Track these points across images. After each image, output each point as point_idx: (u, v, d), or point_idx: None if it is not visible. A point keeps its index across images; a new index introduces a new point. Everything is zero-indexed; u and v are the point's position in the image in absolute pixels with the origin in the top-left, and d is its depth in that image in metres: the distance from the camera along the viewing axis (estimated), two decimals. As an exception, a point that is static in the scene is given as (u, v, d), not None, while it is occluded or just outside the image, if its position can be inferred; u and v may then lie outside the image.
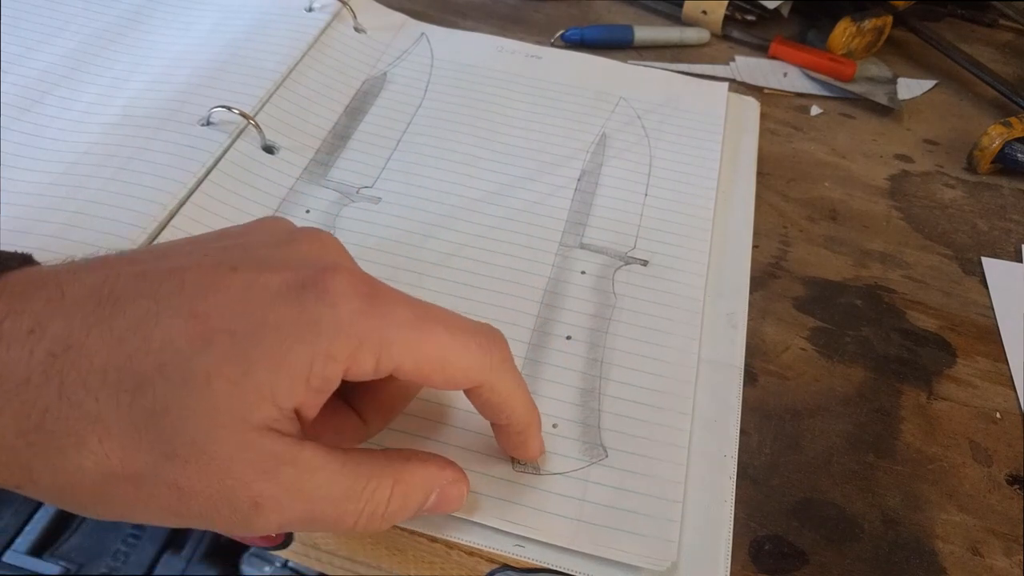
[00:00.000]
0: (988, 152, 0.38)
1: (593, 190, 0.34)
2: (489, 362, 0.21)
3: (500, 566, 0.24)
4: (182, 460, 0.18)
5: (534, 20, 0.46)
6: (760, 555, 0.24)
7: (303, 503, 0.19)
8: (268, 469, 0.18)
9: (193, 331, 0.18)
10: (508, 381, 0.22)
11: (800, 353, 0.30)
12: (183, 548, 0.59)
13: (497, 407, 0.22)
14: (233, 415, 0.18)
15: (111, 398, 0.18)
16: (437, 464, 0.22)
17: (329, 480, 0.19)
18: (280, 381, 0.18)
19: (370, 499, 0.20)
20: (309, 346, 0.18)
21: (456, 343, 0.20)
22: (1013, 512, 0.26)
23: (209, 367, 0.18)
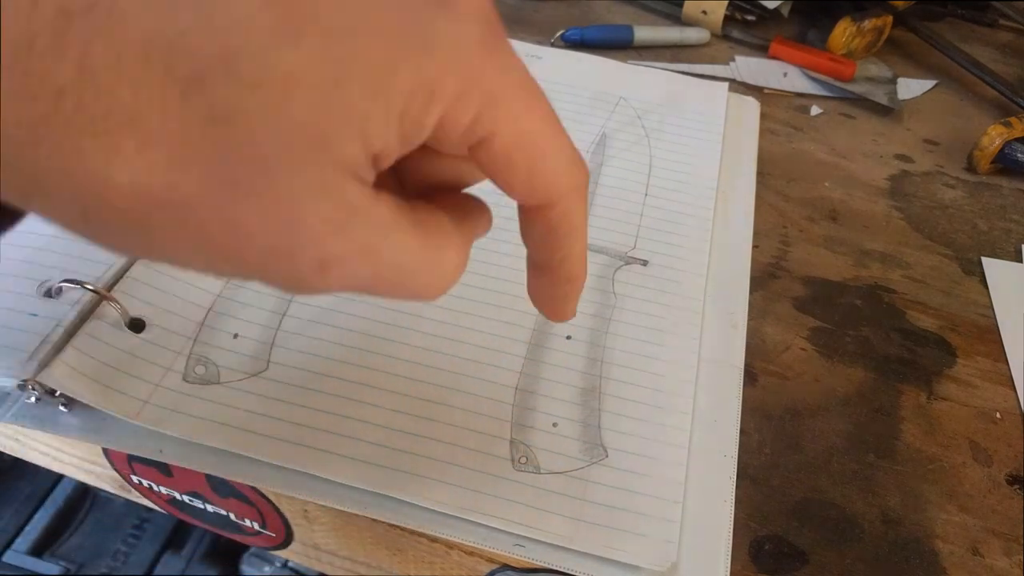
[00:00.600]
0: (988, 152, 0.38)
1: (593, 190, 0.34)
2: (576, 179, 0.18)
3: (500, 566, 0.24)
4: (244, 192, 0.14)
5: (534, 20, 0.46)
6: (760, 555, 0.24)
7: (371, 267, 0.15)
8: (343, 223, 0.15)
9: (279, 14, 0.13)
10: (583, 210, 0.18)
11: (800, 353, 0.30)
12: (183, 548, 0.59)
13: (563, 237, 0.18)
14: (315, 142, 0.14)
15: (155, 90, 0.13)
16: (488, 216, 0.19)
17: (402, 244, 0.16)
18: (376, 108, 0.14)
19: (437, 270, 0.17)
20: (417, 71, 0.14)
21: (558, 136, 0.17)
22: (1013, 512, 0.26)
23: (293, 67, 0.13)
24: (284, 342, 0.27)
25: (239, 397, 0.25)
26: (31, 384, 0.24)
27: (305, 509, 0.26)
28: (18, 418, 0.24)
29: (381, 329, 0.28)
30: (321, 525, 0.27)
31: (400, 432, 0.25)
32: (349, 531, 0.26)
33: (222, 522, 0.29)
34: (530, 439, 0.25)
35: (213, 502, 0.28)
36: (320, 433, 0.24)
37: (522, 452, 0.25)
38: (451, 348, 0.27)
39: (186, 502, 0.28)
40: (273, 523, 0.28)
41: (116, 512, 0.60)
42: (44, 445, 0.29)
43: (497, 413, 0.26)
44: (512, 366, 0.27)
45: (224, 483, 0.26)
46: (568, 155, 0.17)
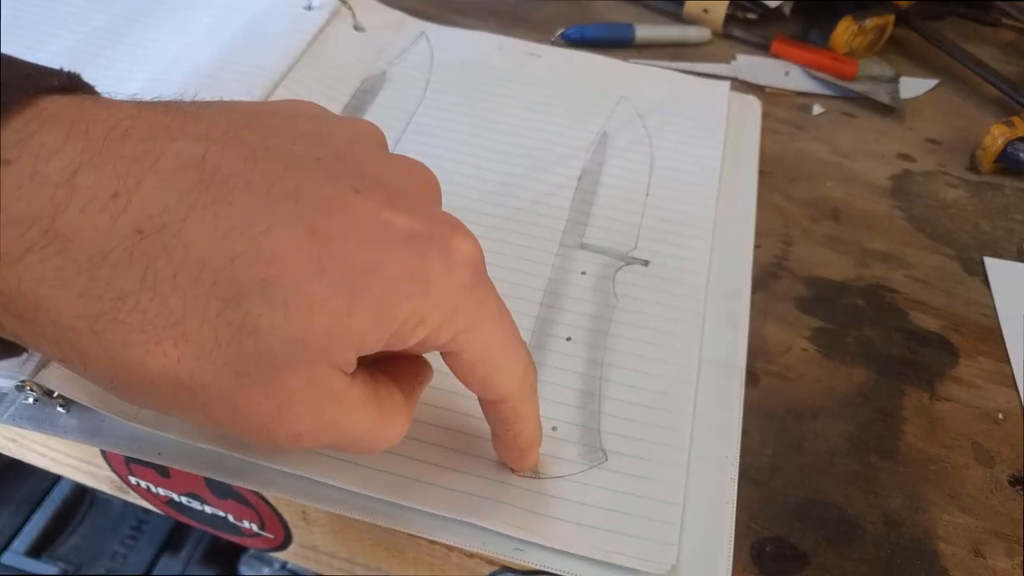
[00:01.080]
0: (991, 151, 0.38)
1: (594, 189, 0.34)
2: (524, 382, 0.21)
3: (500, 568, 0.24)
4: (252, 381, 0.16)
5: (534, 18, 0.46)
6: (762, 557, 0.24)
7: (333, 438, 0.18)
8: (320, 406, 0.17)
9: (310, 251, 0.16)
10: (531, 406, 0.22)
11: (802, 353, 0.30)
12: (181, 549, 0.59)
13: (509, 424, 0.22)
14: (318, 351, 0.17)
15: (200, 302, 0.15)
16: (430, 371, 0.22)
17: (362, 421, 0.19)
18: (374, 330, 0.17)
19: (385, 437, 0.20)
20: (412, 307, 0.17)
21: (514, 353, 0.20)
22: (1015, 513, 0.26)
23: (316, 296, 0.16)
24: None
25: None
26: (29, 385, 0.24)
27: (304, 511, 0.26)
28: (16, 419, 0.24)
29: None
30: (320, 527, 0.27)
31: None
32: (348, 533, 0.26)
33: (220, 523, 0.29)
34: (530, 441, 0.25)
35: (211, 503, 0.28)
36: (319, 434, 0.24)
37: (522, 454, 0.25)
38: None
39: (184, 503, 0.28)
40: (271, 525, 0.28)
41: (114, 513, 0.60)
42: (42, 446, 0.29)
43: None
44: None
45: (222, 484, 0.26)
46: (521, 364, 0.21)
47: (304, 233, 0.16)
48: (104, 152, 0.15)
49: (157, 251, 0.15)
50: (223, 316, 0.16)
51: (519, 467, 0.24)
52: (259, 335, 0.16)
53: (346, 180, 0.18)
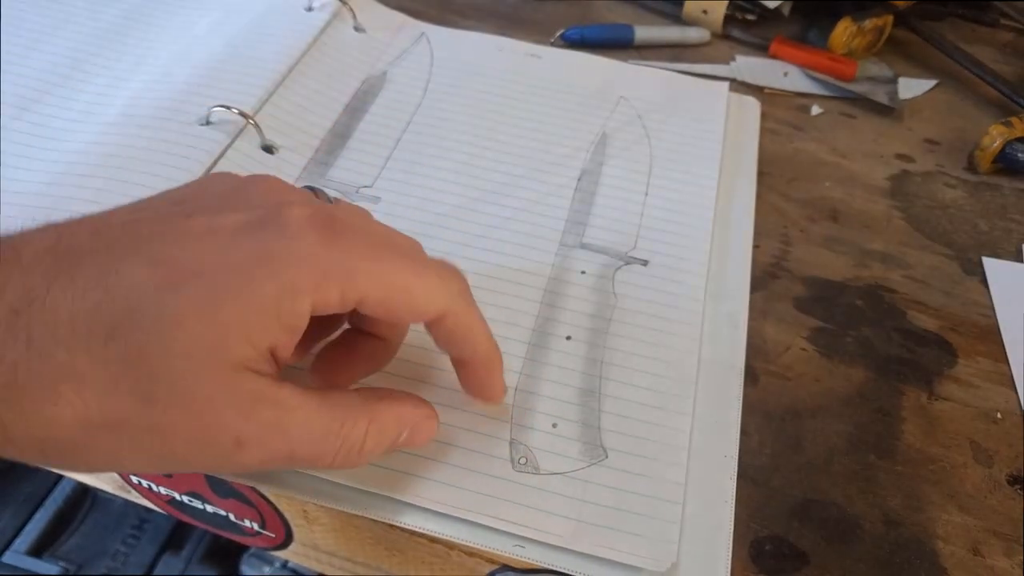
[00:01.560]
0: (989, 152, 0.38)
1: (593, 190, 0.34)
2: (450, 291, 0.21)
3: (500, 566, 0.24)
4: (162, 403, 0.18)
5: (534, 20, 0.46)
6: (761, 556, 0.24)
7: (283, 441, 0.19)
8: (248, 408, 0.18)
9: (159, 276, 0.18)
10: (471, 311, 0.22)
11: (801, 353, 0.30)
12: (183, 548, 0.59)
13: (461, 338, 0.22)
14: (210, 354, 0.18)
15: (83, 347, 0.17)
16: (411, 402, 0.22)
17: (308, 418, 0.19)
18: (251, 317, 0.18)
19: (347, 437, 0.20)
20: (274, 281, 0.18)
21: (418, 272, 0.21)
22: (1014, 512, 0.26)
23: (180, 308, 0.18)
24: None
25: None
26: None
27: (305, 509, 0.26)
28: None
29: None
30: (321, 525, 0.27)
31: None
32: (349, 532, 0.26)
33: (221, 522, 0.29)
34: (530, 440, 0.25)
35: (212, 502, 0.28)
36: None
37: (522, 453, 0.25)
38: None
39: (185, 502, 0.28)
40: (272, 523, 0.28)
41: (115, 512, 0.60)
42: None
43: (496, 413, 0.26)
44: (512, 366, 0.27)
45: (223, 483, 0.26)
46: (434, 277, 0.21)
47: (147, 264, 0.18)
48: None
49: (33, 320, 0.17)
50: (108, 351, 0.17)
51: (488, 395, 0.24)
52: (148, 358, 0.18)
53: (177, 211, 0.20)
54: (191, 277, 0.18)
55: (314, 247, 0.19)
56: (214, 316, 0.18)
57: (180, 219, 0.20)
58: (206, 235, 0.19)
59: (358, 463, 0.21)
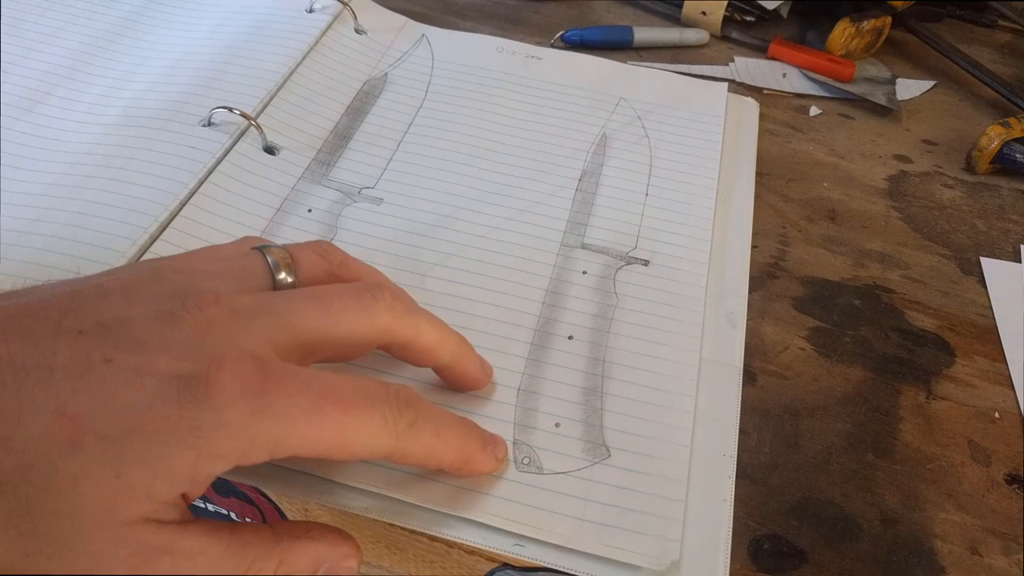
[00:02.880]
0: (987, 152, 0.39)
1: (594, 190, 0.34)
2: (394, 433, 0.20)
3: (500, 565, 0.24)
4: (48, 557, 0.17)
5: (534, 21, 0.46)
6: (759, 554, 0.24)
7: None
8: (143, 561, 0.18)
9: (60, 432, 0.17)
10: (420, 444, 0.21)
11: (799, 353, 0.30)
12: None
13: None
14: (102, 514, 0.17)
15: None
16: (329, 541, 0.21)
17: (210, 564, 0.19)
18: (158, 482, 0.18)
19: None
20: (192, 449, 0.18)
21: (356, 423, 0.20)
22: (1012, 511, 0.26)
23: (76, 470, 0.17)
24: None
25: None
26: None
27: (306, 509, 0.26)
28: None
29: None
30: (322, 524, 0.27)
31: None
32: (349, 530, 0.26)
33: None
34: (533, 439, 0.25)
35: (214, 501, 0.28)
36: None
37: (525, 452, 0.25)
38: (452, 348, 0.27)
39: (188, 502, 0.28)
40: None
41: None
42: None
43: (499, 414, 0.26)
44: (514, 367, 0.27)
45: (225, 482, 0.26)
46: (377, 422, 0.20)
47: (53, 416, 0.17)
48: None
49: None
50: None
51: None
52: (33, 515, 0.17)
53: (99, 351, 0.18)
54: (95, 438, 0.17)
55: (240, 419, 0.18)
56: (114, 479, 0.17)
57: (98, 364, 0.18)
58: (122, 390, 0.18)
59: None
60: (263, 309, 0.21)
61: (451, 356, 0.24)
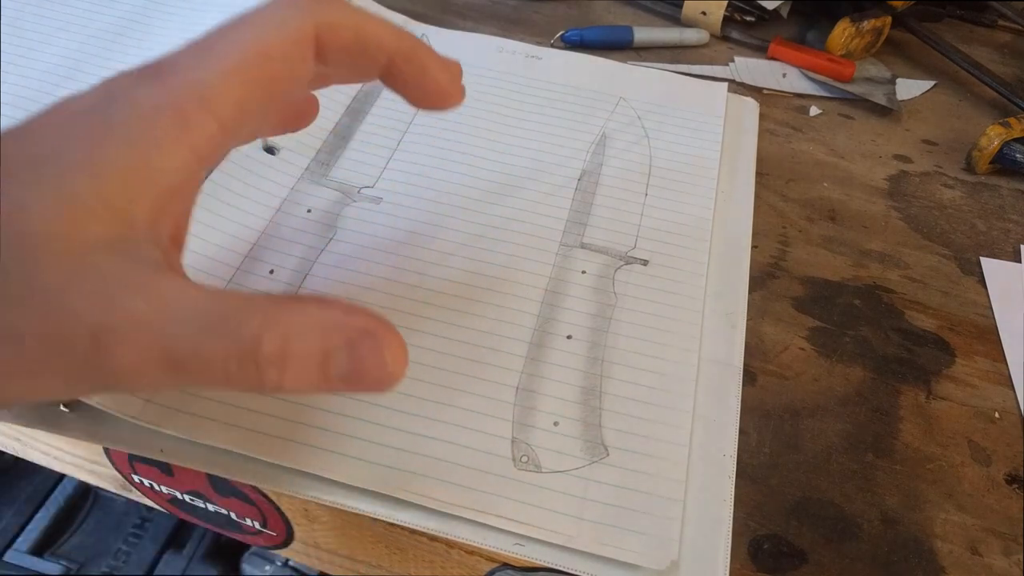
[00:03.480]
0: (987, 152, 0.39)
1: (593, 190, 0.34)
2: (296, 7, 0.19)
3: (500, 565, 0.24)
4: (7, 301, 0.15)
5: (534, 21, 0.46)
6: (759, 554, 0.24)
7: (154, 337, 0.15)
8: (111, 296, 0.15)
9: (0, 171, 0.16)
10: (338, 10, 0.19)
11: (799, 353, 0.30)
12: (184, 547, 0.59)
13: (359, 46, 0.20)
14: (60, 236, 0.15)
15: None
16: (343, 308, 0.17)
17: (185, 310, 0.16)
18: (110, 187, 0.16)
19: (236, 335, 0.16)
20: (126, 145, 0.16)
21: (257, 28, 0.18)
22: (1012, 511, 0.26)
23: (20, 193, 0.15)
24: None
25: (240, 395, 0.25)
26: (33, 384, 0.24)
27: (306, 508, 0.26)
28: (20, 418, 0.25)
29: (382, 329, 0.28)
30: (322, 524, 0.27)
31: (401, 431, 0.25)
32: (350, 530, 0.27)
33: (223, 521, 0.29)
34: (531, 438, 0.25)
35: (214, 501, 0.28)
36: (320, 431, 0.25)
37: (523, 451, 0.25)
38: (452, 348, 0.27)
39: (187, 501, 0.28)
40: (274, 522, 0.28)
41: (117, 511, 0.60)
42: (45, 445, 0.29)
43: (498, 412, 0.26)
44: (513, 365, 0.27)
45: (225, 482, 0.26)
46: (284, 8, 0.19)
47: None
48: None
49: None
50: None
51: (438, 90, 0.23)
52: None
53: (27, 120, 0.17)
54: (30, 163, 0.16)
55: (149, 95, 0.17)
56: (62, 192, 0.15)
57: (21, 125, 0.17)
58: (42, 127, 0.17)
59: (266, 383, 0.16)
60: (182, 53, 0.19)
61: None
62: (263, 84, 0.18)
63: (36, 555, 0.57)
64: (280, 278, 0.29)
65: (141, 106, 0.17)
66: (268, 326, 0.16)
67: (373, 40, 0.20)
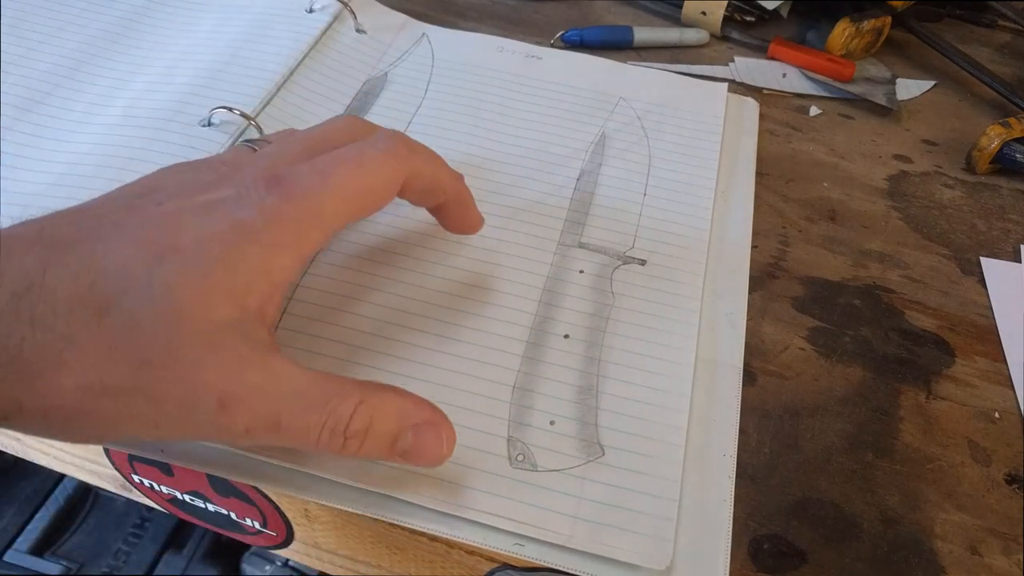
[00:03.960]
0: (987, 152, 0.38)
1: (592, 190, 0.34)
2: (397, 158, 0.24)
3: (500, 565, 0.24)
4: (155, 367, 0.19)
5: (534, 21, 0.46)
6: (759, 554, 0.24)
7: (267, 405, 0.20)
8: (235, 370, 0.19)
9: (146, 252, 0.20)
10: (423, 162, 0.25)
11: (799, 353, 0.30)
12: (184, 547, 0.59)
13: (431, 189, 0.26)
14: (198, 317, 0.19)
15: (81, 320, 0.19)
16: (414, 401, 0.22)
17: (294, 386, 0.20)
18: (238, 279, 0.20)
19: (333, 412, 0.20)
20: (255, 245, 0.20)
21: (365, 167, 0.23)
22: (1012, 511, 0.26)
23: (168, 277, 0.19)
24: (284, 340, 0.27)
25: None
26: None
27: (306, 508, 0.26)
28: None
29: (380, 328, 0.28)
30: (322, 524, 0.27)
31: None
32: (349, 530, 0.27)
33: (223, 521, 0.29)
34: (527, 437, 0.25)
35: (214, 501, 0.28)
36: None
37: (519, 450, 0.25)
38: (449, 347, 0.27)
39: (187, 501, 0.28)
40: (274, 522, 0.28)
41: (117, 511, 0.60)
42: (46, 445, 0.29)
43: (495, 411, 0.26)
44: (510, 364, 0.27)
45: (225, 482, 0.26)
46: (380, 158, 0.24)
47: (134, 245, 0.20)
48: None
49: (34, 301, 0.19)
50: (104, 323, 0.19)
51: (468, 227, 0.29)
52: (141, 326, 0.19)
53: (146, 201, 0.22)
54: (175, 251, 0.20)
55: (279, 205, 0.21)
56: (202, 280, 0.19)
57: (151, 206, 0.21)
58: (179, 215, 0.21)
59: (347, 450, 0.21)
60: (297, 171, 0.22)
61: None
62: (362, 209, 0.24)
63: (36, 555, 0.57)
64: (279, 278, 0.29)
65: (269, 214, 0.21)
66: (360, 410, 0.21)
67: (441, 186, 0.26)
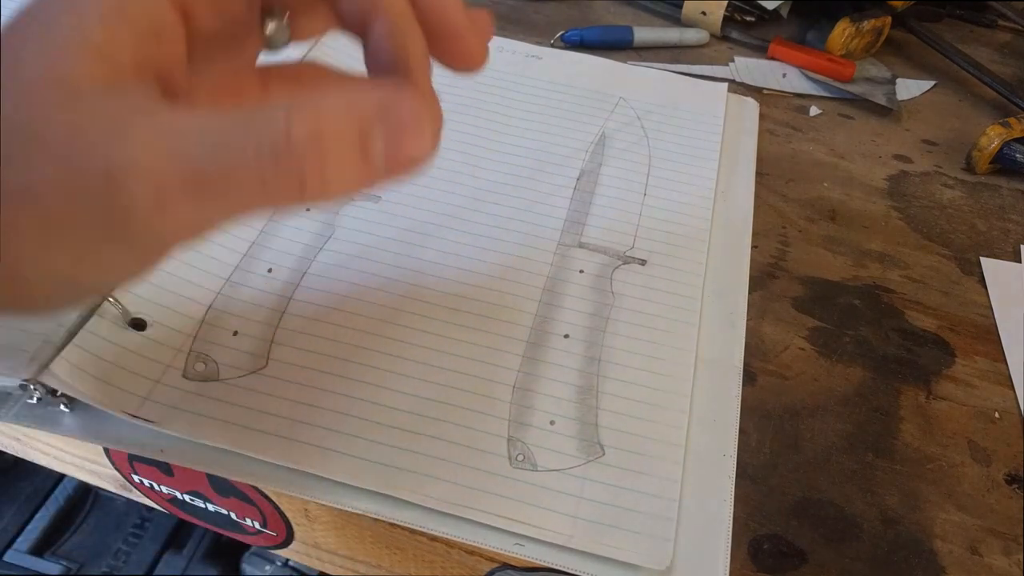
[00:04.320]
0: (987, 152, 0.38)
1: (592, 190, 0.34)
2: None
3: (500, 565, 0.24)
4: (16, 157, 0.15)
5: (534, 21, 0.46)
6: (759, 554, 0.24)
7: (171, 161, 0.14)
8: (114, 134, 0.15)
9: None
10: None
11: (799, 353, 0.30)
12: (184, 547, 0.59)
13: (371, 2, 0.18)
14: (51, 81, 0.15)
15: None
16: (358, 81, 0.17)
17: (199, 127, 0.15)
18: (88, 23, 0.15)
19: (262, 129, 0.15)
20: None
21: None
22: (1012, 511, 0.26)
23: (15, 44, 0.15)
24: (284, 340, 0.27)
25: (239, 394, 0.25)
26: (33, 384, 0.24)
27: (306, 508, 0.26)
28: (20, 418, 0.25)
29: (380, 328, 0.28)
30: (322, 524, 0.27)
31: (399, 430, 0.25)
32: (349, 530, 0.27)
33: (223, 521, 0.29)
34: (528, 437, 0.25)
35: (214, 501, 0.28)
36: (319, 431, 0.25)
37: (520, 450, 0.25)
38: (450, 347, 0.27)
39: (187, 501, 0.28)
40: (274, 522, 0.28)
41: (117, 511, 0.60)
42: (46, 445, 0.29)
43: (495, 411, 0.26)
44: (510, 364, 0.27)
45: (225, 482, 0.26)
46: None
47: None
48: None
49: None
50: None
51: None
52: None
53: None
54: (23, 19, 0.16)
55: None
56: (46, 37, 0.15)
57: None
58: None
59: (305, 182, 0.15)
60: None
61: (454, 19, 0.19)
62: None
63: (36, 555, 0.57)
64: (278, 277, 0.29)
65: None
66: (296, 108, 0.15)
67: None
